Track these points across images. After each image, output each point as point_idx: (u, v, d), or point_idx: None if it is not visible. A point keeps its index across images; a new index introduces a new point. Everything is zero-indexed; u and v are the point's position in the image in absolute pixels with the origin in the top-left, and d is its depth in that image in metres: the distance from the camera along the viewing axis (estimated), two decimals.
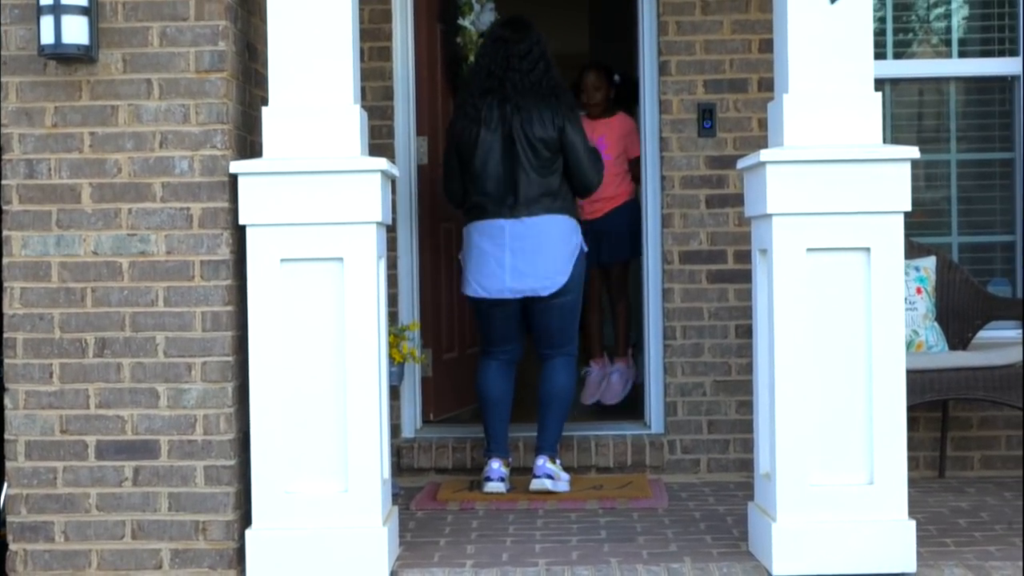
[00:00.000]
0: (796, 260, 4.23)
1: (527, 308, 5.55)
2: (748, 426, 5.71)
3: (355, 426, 4.22)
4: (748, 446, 5.77)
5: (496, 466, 5.50)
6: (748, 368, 5.80)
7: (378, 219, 4.23)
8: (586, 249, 5.65)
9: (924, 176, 6.29)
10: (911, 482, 5.12)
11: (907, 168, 4.24)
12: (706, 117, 5.97)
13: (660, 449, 5.90)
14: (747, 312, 5.82)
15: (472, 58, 6.48)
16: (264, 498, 4.23)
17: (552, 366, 5.60)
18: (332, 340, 4.24)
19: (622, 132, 6.94)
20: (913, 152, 4.24)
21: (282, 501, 4.23)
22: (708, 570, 4.29)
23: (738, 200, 5.82)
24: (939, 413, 5.90)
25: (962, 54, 6.35)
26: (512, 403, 5.67)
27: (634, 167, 6.78)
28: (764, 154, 4.25)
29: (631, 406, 6.75)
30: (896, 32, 6.33)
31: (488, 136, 5.48)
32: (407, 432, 6.09)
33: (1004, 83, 6.24)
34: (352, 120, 4.26)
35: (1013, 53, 6.20)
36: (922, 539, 4.49)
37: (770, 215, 4.25)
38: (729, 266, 5.95)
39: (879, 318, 4.22)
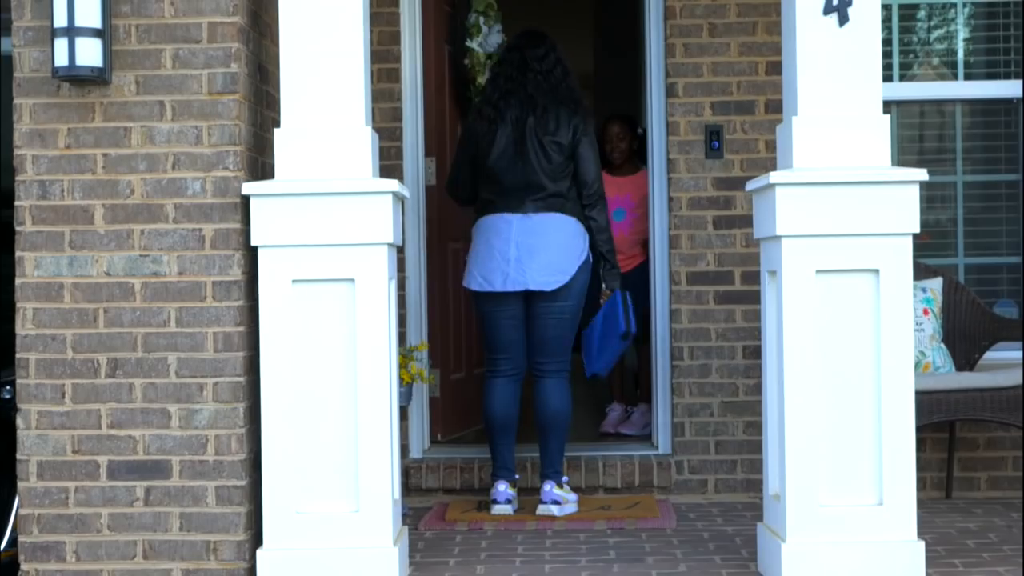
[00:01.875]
0: (806, 281, 4.25)
1: (527, 312, 5.55)
2: (755, 447, 5.73)
3: (366, 446, 4.24)
4: (755, 467, 5.78)
5: (502, 488, 5.50)
6: (755, 389, 5.81)
7: (390, 240, 4.26)
8: (591, 259, 5.59)
9: (930, 198, 6.31)
10: (918, 503, 5.13)
11: (916, 190, 4.26)
12: (713, 138, 6.00)
13: (668, 470, 5.90)
14: (754, 333, 5.84)
15: (480, 80, 6.52)
16: (275, 518, 4.24)
17: (545, 387, 5.54)
18: (343, 361, 4.26)
19: (647, 188, 6.87)
20: (922, 174, 4.26)
21: (293, 521, 4.24)
22: None
23: (745, 222, 5.84)
24: (946, 434, 5.91)
25: (968, 76, 6.38)
26: (517, 423, 5.65)
27: None
28: (774, 176, 4.27)
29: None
30: (902, 55, 6.36)
31: (504, 135, 5.50)
32: (415, 452, 6.10)
33: (1010, 105, 6.27)
34: (363, 141, 4.29)
35: (1018, 76, 6.23)
36: (931, 560, 4.49)
37: (779, 237, 4.27)
38: (736, 287, 5.96)
39: (888, 339, 4.24)
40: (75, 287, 4.33)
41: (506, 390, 5.59)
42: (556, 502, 5.45)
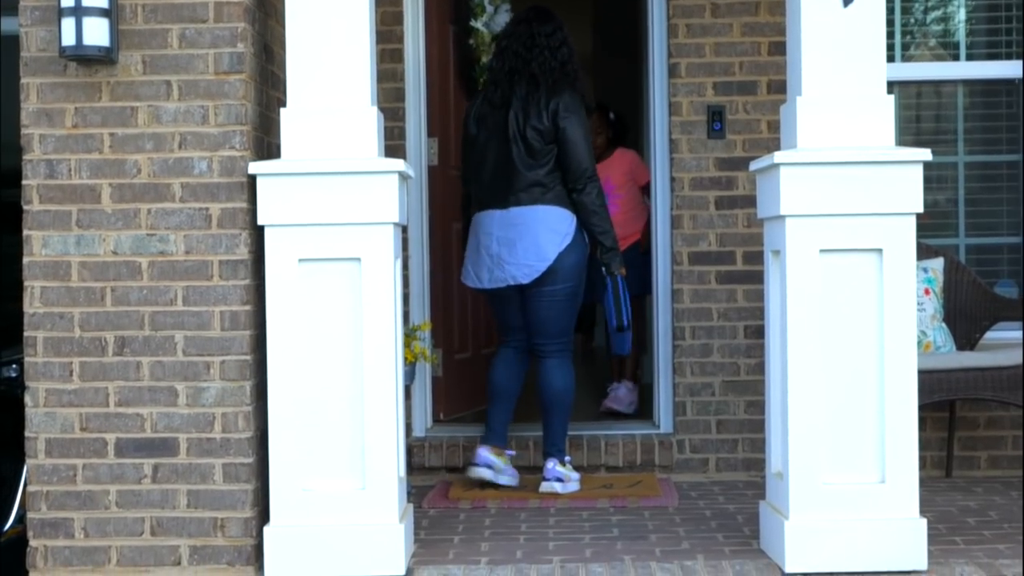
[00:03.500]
0: (809, 261, 4.27)
1: (523, 298, 5.57)
2: (756, 426, 5.76)
3: (372, 424, 4.27)
4: (756, 446, 5.82)
5: (483, 452, 5.53)
6: (757, 368, 5.84)
7: (395, 220, 4.28)
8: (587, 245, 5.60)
9: (932, 178, 6.33)
10: (919, 481, 5.18)
11: (919, 170, 4.28)
12: (716, 119, 6.01)
13: (669, 449, 5.94)
14: (755, 313, 5.86)
15: (485, 60, 6.53)
16: (282, 495, 4.27)
17: (545, 367, 5.57)
18: (349, 339, 4.28)
19: (625, 168, 7.04)
20: (925, 154, 4.28)
21: (300, 498, 4.27)
22: (721, 567, 4.33)
23: (747, 202, 5.86)
24: (946, 413, 5.94)
25: (969, 57, 6.40)
26: (517, 396, 5.68)
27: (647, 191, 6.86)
28: (778, 156, 4.29)
29: (641, 406, 6.79)
30: (903, 35, 6.37)
31: (486, 129, 5.54)
32: (418, 431, 6.14)
33: (1011, 86, 6.28)
34: (369, 121, 4.30)
35: (1019, 56, 6.24)
36: (932, 537, 4.53)
37: (783, 216, 4.29)
38: (738, 267, 5.98)
39: (891, 318, 4.26)
40: (82, 266, 4.35)
41: (510, 360, 5.65)
42: (559, 479, 5.48)
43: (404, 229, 5.75)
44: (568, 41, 5.60)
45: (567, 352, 5.62)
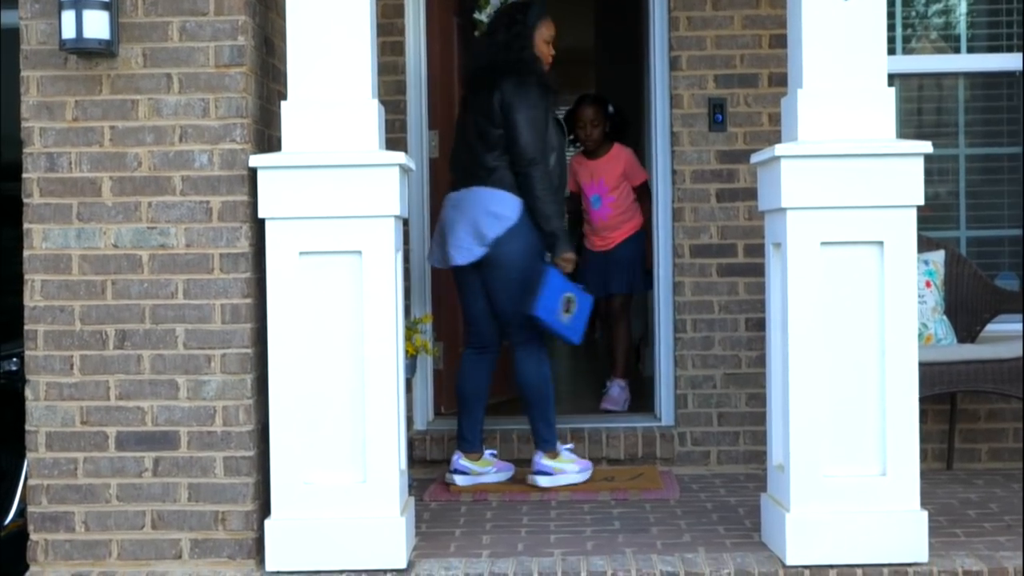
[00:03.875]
0: (810, 254, 4.27)
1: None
2: (757, 418, 5.76)
3: (373, 417, 4.26)
4: (757, 438, 5.82)
5: (457, 459, 5.56)
6: (758, 361, 5.84)
7: (396, 212, 4.27)
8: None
9: (932, 171, 6.32)
10: (920, 474, 5.18)
11: (920, 162, 4.27)
12: (717, 112, 6.01)
13: (671, 441, 5.93)
14: (756, 305, 5.86)
15: None
16: (283, 488, 4.27)
17: (516, 359, 5.53)
18: (350, 332, 4.28)
19: (620, 168, 6.88)
20: (926, 147, 4.27)
21: (301, 491, 4.27)
22: (722, 560, 4.33)
23: (748, 194, 5.86)
24: (947, 405, 5.94)
25: (970, 50, 6.39)
26: (484, 398, 5.62)
27: (643, 193, 6.80)
28: (779, 148, 4.29)
29: (643, 398, 6.78)
30: (904, 28, 6.37)
31: (462, 116, 5.67)
32: (419, 424, 6.14)
33: (1012, 78, 6.28)
34: (370, 114, 4.30)
35: (1020, 49, 6.24)
36: (933, 530, 4.52)
37: (784, 209, 4.29)
38: (739, 260, 5.98)
39: (892, 311, 4.26)
40: (83, 259, 4.35)
41: (472, 364, 5.63)
42: (543, 472, 5.46)
43: (405, 222, 5.74)
44: (516, 31, 5.55)
45: (532, 343, 5.52)
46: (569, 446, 5.63)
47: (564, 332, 5.40)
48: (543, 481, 5.45)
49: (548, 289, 5.33)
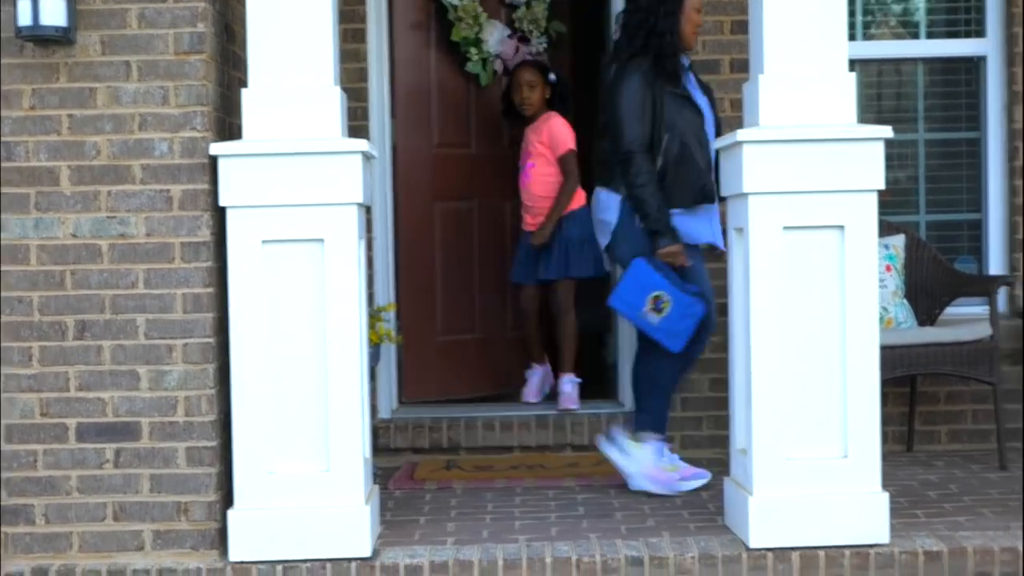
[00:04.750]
0: (772, 238, 4.28)
1: None
2: (720, 403, 5.76)
3: (336, 406, 4.25)
4: (720, 423, 5.82)
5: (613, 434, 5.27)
6: (720, 346, 5.83)
7: (359, 200, 4.26)
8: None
9: (892, 156, 6.35)
10: (881, 456, 5.20)
11: (881, 147, 4.29)
12: None
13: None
14: (720, 290, 5.84)
15: (465, 33, 6.44)
16: (246, 478, 4.25)
17: (637, 348, 5.30)
18: (313, 320, 4.26)
19: (544, 133, 6.33)
20: (887, 132, 4.29)
21: (264, 481, 4.25)
22: (686, 544, 4.35)
23: None
24: (907, 388, 5.98)
25: (930, 35, 6.42)
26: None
27: (565, 163, 6.31)
28: (740, 134, 4.29)
29: (606, 384, 6.79)
30: (865, 13, 6.39)
31: None
32: (383, 413, 6.13)
33: (971, 64, 6.31)
34: (332, 101, 4.27)
35: (980, 34, 6.28)
36: (894, 511, 4.55)
37: (746, 194, 4.30)
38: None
39: (853, 295, 4.28)
40: (41, 249, 4.31)
41: None
42: (614, 441, 5.22)
43: (368, 210, 5.73)
44: (635, 10, 5.17)
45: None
46: (667, 446, 5.32)
47: (654, 333, 5.05)
48: (609, 450, 5.18)
49: (630, 281, 5.03)
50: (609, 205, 5.15)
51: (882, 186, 4.29)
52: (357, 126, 5.95)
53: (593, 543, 4.38)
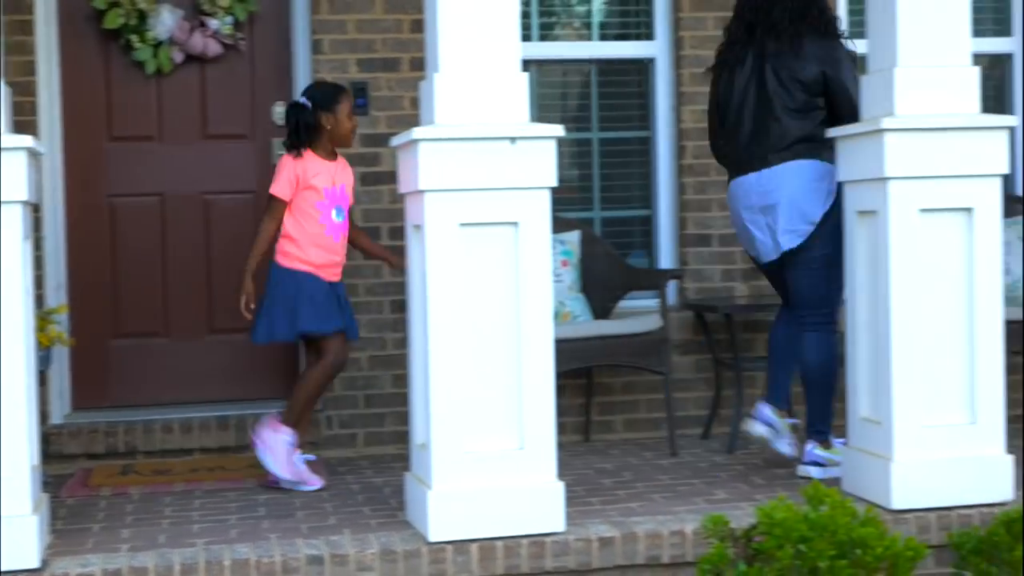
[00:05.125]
0: (449, 234, 4.33)
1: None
2: (404, 399, 5.83)
3: (4, 414, 4.06)
4: (404, 419, 5.88)
5: (764, 409, 5.25)
6: (403, 342, 5.90)
7: (24, 198, 4.08)
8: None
9: (569, 154, 6.55)
10: (560, 446, 5.35)
11: (553, 146, 4.37)
12: (359, 95, 6.02)
13: (317, 426, 5.93)
14: (402, 288, 5.92)
15: (114, 20, 6.18)
16: None
17: (804, 339, 5.22)
18: None
19: (351, 174, 5.56)
20: (558, 130, 4.39)
21: None
22: (367, 540, 4.36)
23: (393, 178, 5.91)
24: (584, 380, 6.18)
25: (602, 37, 6.65)
26: (795, 357, 5.29)
27: None
28: (416, 131, 4.32)
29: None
30: (542, 15, 6.56)
31: (741, 77, 5.23)
32: (55, 418, 5.90)
33: (641, 65, 6.56)
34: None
35: (649, 37, 6.54)
36: (570, 500, 4.70)
37: (423, 191, 4.32)
38: (384, 242, 6.03)
39: (527, 290, 4.36)
40: None
41: (785, 318, 5.37)
42: (816, 463, 5.17)
43: (36, 208, 5.51)
44: None
45: (826, 326, 5.20)
46: (842, 441, 5.12)
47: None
48: (815, 472, 5.12)
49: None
50: (828, 173, 5.10)
51: (555, 183, 4.35)
52: (25, 122, 5.70)
53: (273, 543, 4.34)
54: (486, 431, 4.38)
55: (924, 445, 4.57)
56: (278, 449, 5.17)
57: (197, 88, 6.29)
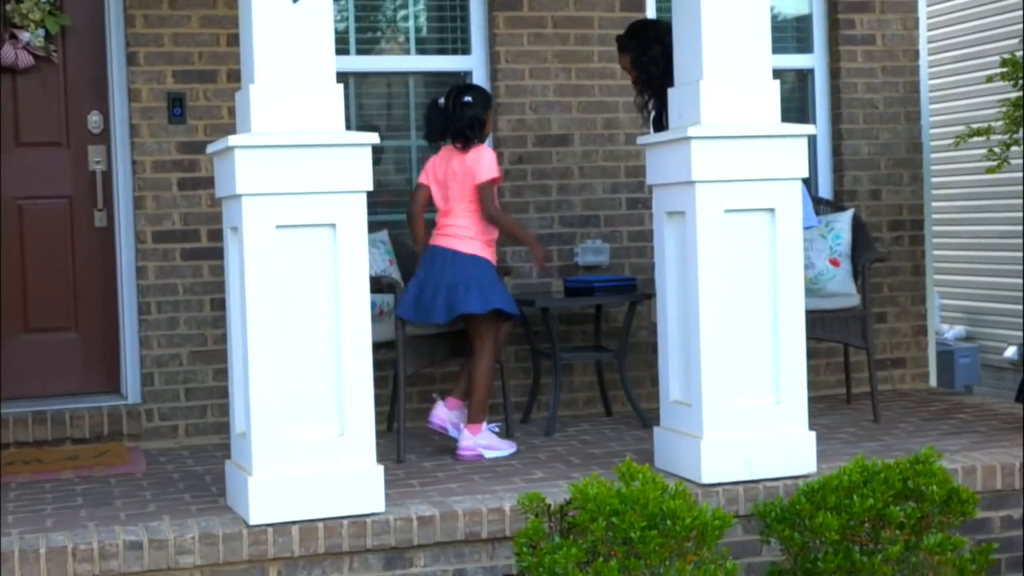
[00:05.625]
0: (266, 236, 4.43)
1: None
2: (224, 392, 5.91)
3: None
4: (226, 410, 5.96)
5: None
6: (224, 338, 5.97)
7: None
8: None
9: (390, 159, 6.71)
10: (382, 434, 5.50)
11: (367, 152, 4.53)
12: (176, 105, 6.13)
13: (138, 418, 6.02)
14: (221, 286, 6.00)
15: None
16: None
17: None
18: None
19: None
20: (373, 138, 4.55)
21: None
22: (187, 525, 4.42)
23: (210, 183, 6.00)
24: (389, 372, 6.28)
25: (421, 51, 6.83)
26: None
27: None
28: (232, 139, 4.43)
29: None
30: (363, 30, 6.72)
31: None
32: None
33: (458, 78, 6.75)
34: None
35: (466, 52, 6.74)
36: (391, 482, 4.89)
37: (240, 195, 4.43)
38: (203, 244, 6.16)
39: (345, 287, 4.50)
40: None
41: None
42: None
43: None
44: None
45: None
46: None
47: None
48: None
49: None
50: None
51: (370, 187, 4.51)
52: None
53: (91, 531, 4.37)
54: (307, 420, 4.51)
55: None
56: (491, 442, 5.58)
57: (9, 98, 6.32)
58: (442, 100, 5.72)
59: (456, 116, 5.66)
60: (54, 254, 6.29)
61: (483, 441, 5.60)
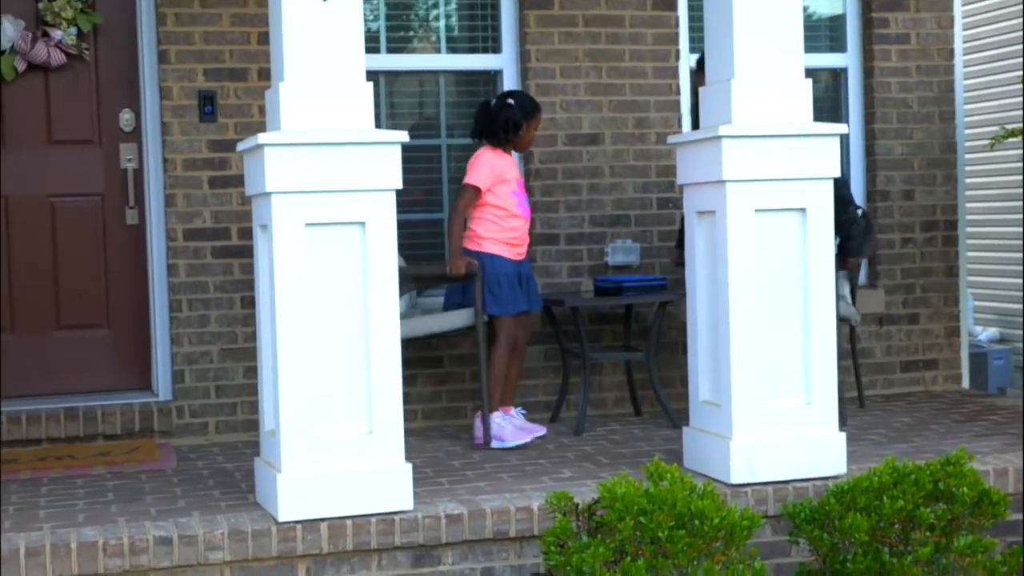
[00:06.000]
0: (296, 234, 4.46)
1: None
2: (255, 389, 5.93)
3: None
4: (255, 408, 5.98)
5: None
6: (254, 336, 6.00)
7: None
8: None
9: (419, 159, 6.72)
10: (413, 432, 5.50)
11: (397, 150, 4.55)
12: (207, 103, 6.16)
13: (168, 415, 6.05)
14: (252, 284, 6.02)
15: None
16: None
17: None
18: None
19: None
20: (403, 136, 4.56)
21: None
22: (216, 521, 4.45)
23: (241, 181, 6.02)
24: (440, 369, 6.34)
25: (451, 50, 6.83)
26: None
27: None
28: (262, 137, 4.45)
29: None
30: (394, 29, 6.73)
31: None
32: None
33: (488, 76, 6.76)
34: None
35: (496, 50, 6.74)
36: (420, 480, 4.91)
37: (270, 193, 4.45)
38: (234, 242, 6.19)
39: (375, 285, 4.51)
40: None
41: None
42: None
43: None
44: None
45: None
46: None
47: None
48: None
49: None
50: None
51: (399, 185, 4.53)
52: None
53: (121, 526, 4.41)
54: (335, 418, 4.53)
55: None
56: (503, 432, 5.70)
57: (41, 96, 6.35)
58: (493, 100, 5.98)
59: (495, 115, 5.87)
60: (86, 252, 6.33)
61: (494, 430, 5.72)
